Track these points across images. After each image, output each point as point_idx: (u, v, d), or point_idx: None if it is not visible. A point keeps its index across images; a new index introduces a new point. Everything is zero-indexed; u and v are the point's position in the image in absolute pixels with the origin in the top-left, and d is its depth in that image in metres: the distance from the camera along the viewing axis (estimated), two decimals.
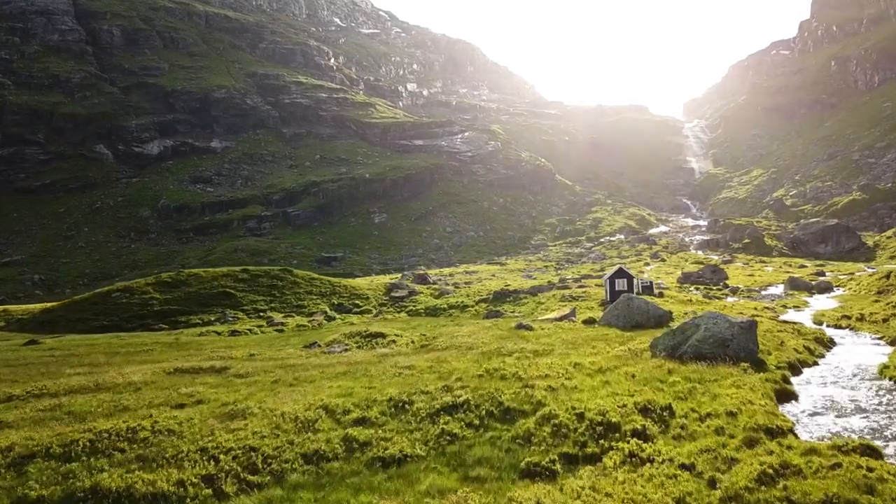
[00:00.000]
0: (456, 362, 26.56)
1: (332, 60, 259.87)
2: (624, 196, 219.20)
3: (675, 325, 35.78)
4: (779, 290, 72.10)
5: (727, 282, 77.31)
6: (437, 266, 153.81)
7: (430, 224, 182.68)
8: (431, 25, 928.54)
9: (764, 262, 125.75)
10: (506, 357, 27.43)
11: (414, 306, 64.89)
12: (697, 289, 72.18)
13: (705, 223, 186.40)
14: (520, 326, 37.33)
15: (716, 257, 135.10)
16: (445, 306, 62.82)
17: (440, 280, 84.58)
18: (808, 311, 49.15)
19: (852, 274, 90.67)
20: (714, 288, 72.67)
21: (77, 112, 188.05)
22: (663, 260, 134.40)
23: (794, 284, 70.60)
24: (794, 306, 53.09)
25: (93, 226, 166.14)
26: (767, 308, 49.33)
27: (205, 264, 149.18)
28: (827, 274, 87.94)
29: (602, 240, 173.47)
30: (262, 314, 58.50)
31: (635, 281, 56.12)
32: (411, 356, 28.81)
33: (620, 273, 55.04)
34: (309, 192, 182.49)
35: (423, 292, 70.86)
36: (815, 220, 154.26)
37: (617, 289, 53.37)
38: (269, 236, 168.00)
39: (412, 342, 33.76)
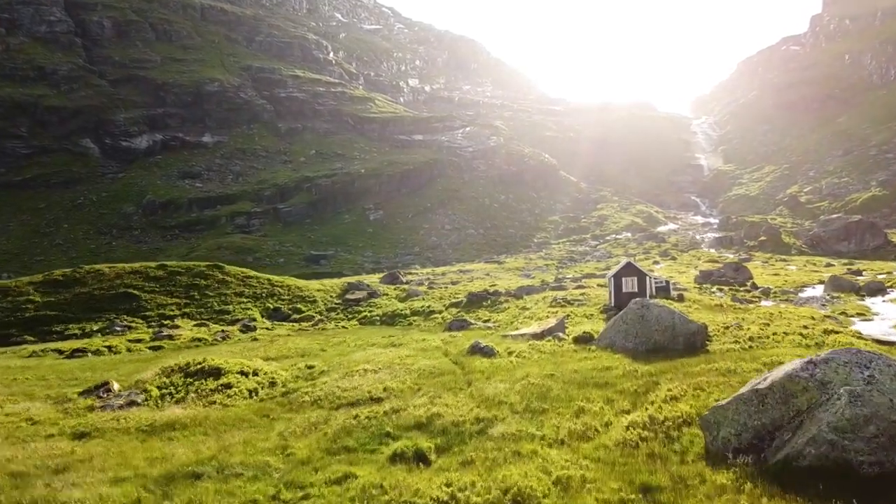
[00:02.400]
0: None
1: (332, 55, 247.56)
2: (630, 193, 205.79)
3: (716, 354, 23.02)
4: (817, 291, 59.04)
5: (754, 281, 64.03)
6: (432, 265, 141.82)
7: (428, 221, 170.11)
8: (435, 22, 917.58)
9: (785, 260, 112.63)
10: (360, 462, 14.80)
11: (369, 312, 52.52)
12: (721, 290, 59.21)
13: (716, 221, 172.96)
14: (475, 350, 25.03)
15: (731, 255, 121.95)
16: (407, 312, 50.40)
17: (415, 280, 71.74)
18: (884, 321, 36.18)
19: (890, 273, 77.48)
20: (740, 289, 59.68)
21: (63, 105, 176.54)
22: (674, 258, 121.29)
23: (837, 285, 57.47)
24: (858, 313, 40.04)
25: (73, 222, 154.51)
26: (829, 317, 36.33)
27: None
28: (865, 274, 74.61)
29: (608, 238, 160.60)
30: (165, 322, 46.16)
31: (648, 280, 42.98)
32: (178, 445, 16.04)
33: (628, 269, 42.26)
34: (301, 187, 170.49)
35: (387, 294, 58.42)
36: (836, 216, 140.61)
37: (624, 290, 40.61)
38: (258, 233, 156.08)
39: (269, 384, 21.24)
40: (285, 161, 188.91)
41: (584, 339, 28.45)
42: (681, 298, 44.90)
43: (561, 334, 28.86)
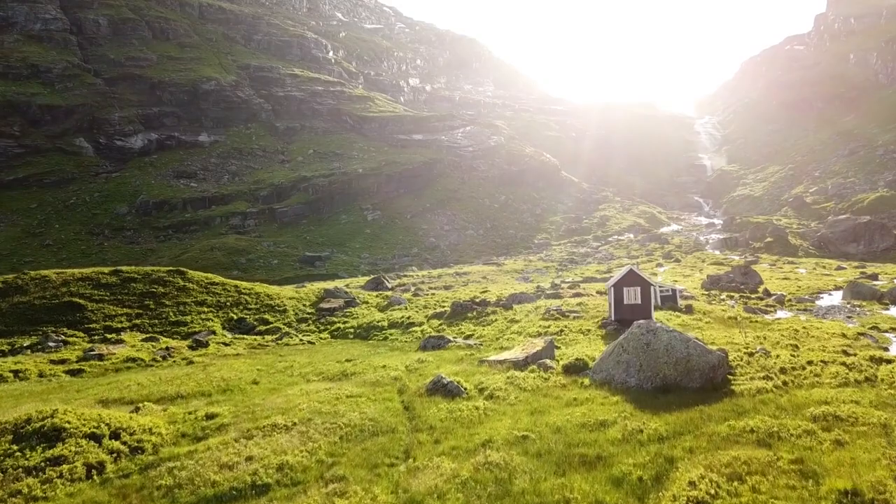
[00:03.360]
0: None
1: (331, 54, 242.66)
2: (633, 194, 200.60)
3: (744, 397, 17.99)
4: (836, 299, 54.03)
5: (766, 287, 58.86)
6: (430, 266, 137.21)
7: (427, 222, 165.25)
8: (437, 22, 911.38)
9: (793, 262, 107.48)
10: None
11: (343, 324, 47.59)
12: (731, 297, 54.17)
13: (720, 221, 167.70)
14: (437, 388, 19.85)
15: (737, 257, 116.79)
16: (385, 324, 45.46)
17: (402, 286, 66.74)
18: None
19: None
20: (752, 296, 54.60)
21: (56, 103, 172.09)
22: (678, 260, 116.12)
23: (857, 292, 52.43)
24: (893, 328, 34.85)
25: (64, 223, 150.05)
26: (862, 334, 31.25)
27: (175, 264, 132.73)
28: (881, 278, 69.51)
29: (610, 239, 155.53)
30: (110, 336, 41.21)
31: (653, 289, 37.73)
32: None
33: (631, 278, 36.83)
34: (298, 187, 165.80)
35: (367, 302, 53.48)
36: (844, 217, 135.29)
37: (626, 302, 35.54)
38: (253, 234, 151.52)
39: (131, 451, 15.86)
40: (283, 161, 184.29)
41: (575, 369, 23.00)
42: (689, 310, 39.89)
43: (548, 361, 23.54)
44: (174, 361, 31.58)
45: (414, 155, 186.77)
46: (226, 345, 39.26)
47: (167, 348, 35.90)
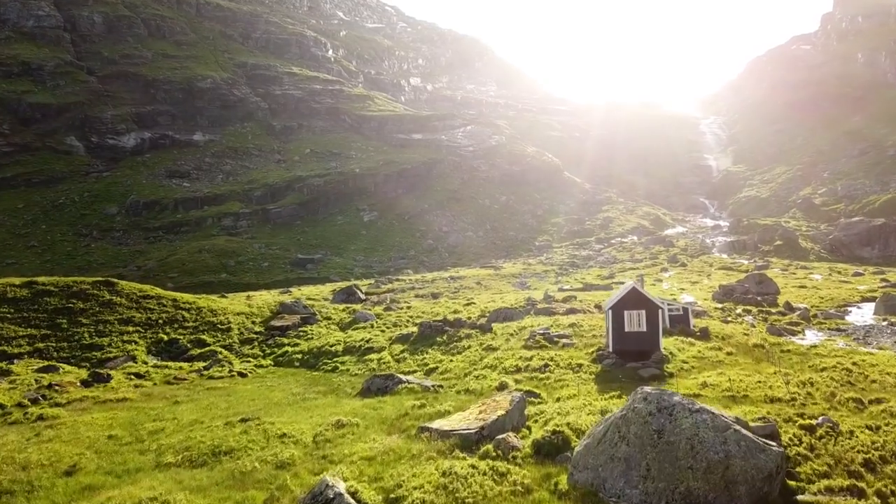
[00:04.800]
0: None
1: (331, 52, 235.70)
2: (637, 194, 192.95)
3: (809, 499, 10.92)
4: (865, 313, 46.82)
5: (788, 301, 51.37)
6: (426, 269, 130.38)
7: (425, 223, 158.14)
8: (439, 21, 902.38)
9: (806, 267, 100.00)
10: None
11: (293, 347, 40.75)
12: (748, 311, 46.95)
13: (726, 223, 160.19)
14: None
15: (745, 261, 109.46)
16: (339, 349, 38.57)
17: (379, 298, 59.45)
18: None
19: None
20: (772, 311, 47.35)
21: (47, 101, 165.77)
22: (683, 265, 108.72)
23: (893, 306, 44.98)
24: None
25: (51, 223, 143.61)
26: None
27: (161, 266, 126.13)
28: None
29: (613, 241, 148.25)
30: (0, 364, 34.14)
31: (662, 313, 30.16)
32: None
33: (634, 299, 29.54)
34: (293, 187, 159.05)
35: (330, 317, 46.60)
36: (857, 219, 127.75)
37: (628, 328, 28.25)
38: (245, 235, 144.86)
39: None
40: (279, 160, 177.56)
41: (551, 451, 15.76)
42: (705, 334, 32.69)
43: (513, 437, 15.97)
44: (24, 414, 24.57)
45: (413, 155, 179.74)
46: (138, 376, 32.52)
47: (49, 385, 28.82)
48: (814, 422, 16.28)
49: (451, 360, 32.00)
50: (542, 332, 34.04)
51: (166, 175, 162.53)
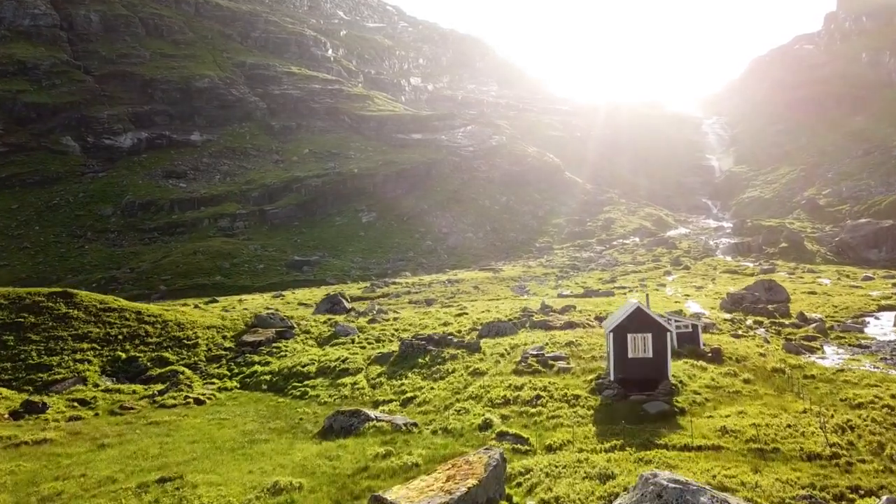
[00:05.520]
0: None
1: (330, 52, 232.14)
2: (639, 195, 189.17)
3: None
4: (884, 324, 43.39)
5: (802, 311, 47.70)
6: (424, 271, 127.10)
7: (424, 224, 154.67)
8: (440, 21, 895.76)
9: (813, 271, 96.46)
10: None
11: (263, 366, 37.31)
12: (759, 323, 43.42)
13: (729, 225, 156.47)
14: None
15: (751, 264, 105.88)
16: (312, 369, 35.16)
17: (369, 301, 55.84)
18: None
19: None
20: (786, 323, 43.77)
21: (43, 101, 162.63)
22: (687, 268, 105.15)
23: None
24: None
25: (45, 224, 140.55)
26: None
27: (155, 269, 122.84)
28: None
29: (614, 242, 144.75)
30: None
31: (670, 336, 26.39)
32: None
33: (638, 320, 25.65)
34: (291, 188, 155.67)
35: (309, 331, 43.13)
36: (864, 221, 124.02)
37: (632, 354, 24.63)
38: (241, 237, 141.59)
39: None
40: (277, 160, 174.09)
41: None
42: (717, 356, 29.16)
43: None
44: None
45: (412, 155, 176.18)
46: (82, 404, 29.13)
47: None
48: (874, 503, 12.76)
49: (433, 388, 28.48)
50: (535, 352, 30.56)
51: (163, 175, 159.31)
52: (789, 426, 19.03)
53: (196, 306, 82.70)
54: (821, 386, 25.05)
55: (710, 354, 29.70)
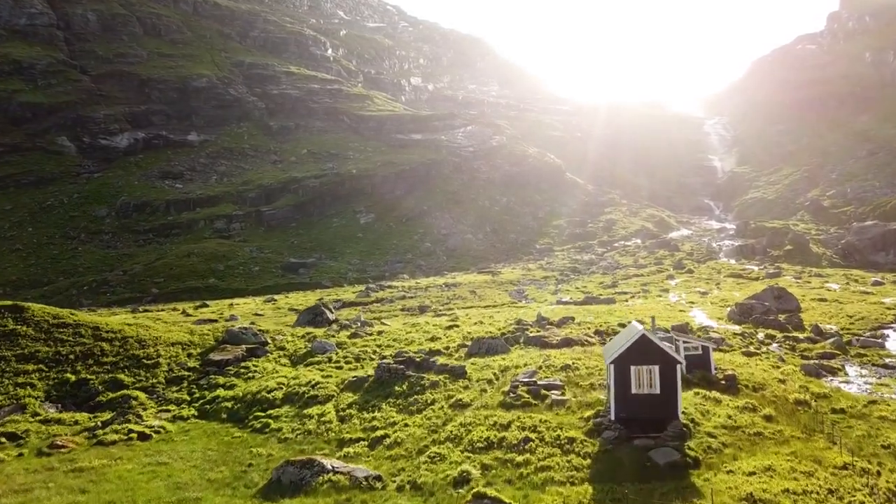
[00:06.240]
0: None
1: (330, 52, 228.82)
2: (640, 196, 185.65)
3: None
4: None
5: (816, 324, 44.19)
6: (423, 274, 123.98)
7: (423, 225, 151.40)
8: (441, 20, 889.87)
9: (820, 275, 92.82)
10: None
11: (226, 390, 33.97)
12: (772, 338, 40.07)
13: (732, 226, 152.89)
14: None
15: (755, 268, 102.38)
16: (279, 396, 31.79)
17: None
18: None
19: None
20: (799, 337, 40.38)
21: (38, 101, 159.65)
22: (690, 271, 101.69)
23: None
24: None
25: (38, 225, 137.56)
26: None
27: (147, 271, 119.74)
28: None
29: (616, 244, 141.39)
30: None
31: (680, 368, 22.52)
32: None
33: (643, 350, 21.87)
34: (288, 189, 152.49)
35: (283, 347, 39.86)
36: (871, 223, 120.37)
37: (636, 389, 20.79)
38: (237, 238, 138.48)
39: None
40: (275, 161, 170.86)
41: None
42: (732, 384, 25.73)
43: None
44: None
45: (412, 155, 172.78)
46: (12, 439, 25.78)
47: None
48: None
49: (407, 424, 25.06)
50: (526, 379, 27.16)
51: (159, 176, 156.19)
52: (831, 491, 15.60)
53: (183, 312, 79.50)
54: (854, 424, 21.69)
55: (723, 382, 26.20)
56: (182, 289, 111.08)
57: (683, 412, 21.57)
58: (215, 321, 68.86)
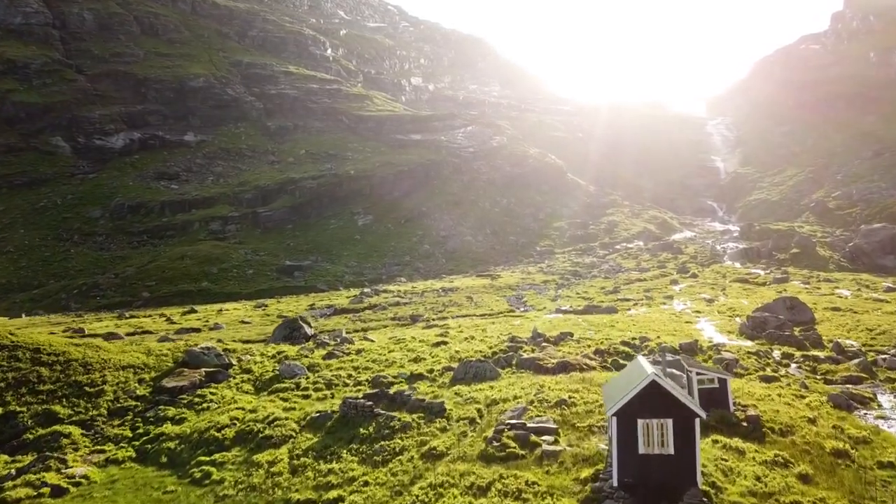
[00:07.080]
0: None
1: (329, 51, 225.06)
2: (642, 197, 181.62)
3: None
4: None
5: (837, 341, 40.24)
6: (421, 276, 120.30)
7: (422, 227, 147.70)
8: (442, 21, 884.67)
9: (829, 280, 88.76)
10: None
11: (175, 424, 30.09)
12: (789, 357, 36.36)
13: (736, 228, 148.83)
14: None
15: (761, 272, 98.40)
16: (229, 435, 27.87)
17: (331, 332, 48.48)
18: None
19: None
20: (819, 356, 36.59)
21: (33, 100, 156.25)
22: (694, 275, 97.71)
23: None
24: None
25: (31, 227, 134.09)
26: None
27: (140, 274, 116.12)
28: None
29: (618, 246, 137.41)
30: None
31: (699, 422, 17.89)
32: None
33: (652, 398, 17.28)
34: (285, 190, 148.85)
35: (249, 369, 36.06)
36: (879, 225, 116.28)
37: (644, 448, 16.09)
38: (233, 240, 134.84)
39: None
40: (273, 162, 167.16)
41: None
42: (756, 428, 21.81)
43: None
44: None
45: (412, 156, 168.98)
46: None
47: None
48: None
49: (367, 483, 21.19)
50: (514, 421, 23.24)
51: (155, 177, 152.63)
52: None
53: (168, 319, 75.88)
54: None
55: (745, 425, 22.17)
56: (174, 293, 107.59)
57: (704, 480, 17.35)
58: (199, 330, 65.21)
